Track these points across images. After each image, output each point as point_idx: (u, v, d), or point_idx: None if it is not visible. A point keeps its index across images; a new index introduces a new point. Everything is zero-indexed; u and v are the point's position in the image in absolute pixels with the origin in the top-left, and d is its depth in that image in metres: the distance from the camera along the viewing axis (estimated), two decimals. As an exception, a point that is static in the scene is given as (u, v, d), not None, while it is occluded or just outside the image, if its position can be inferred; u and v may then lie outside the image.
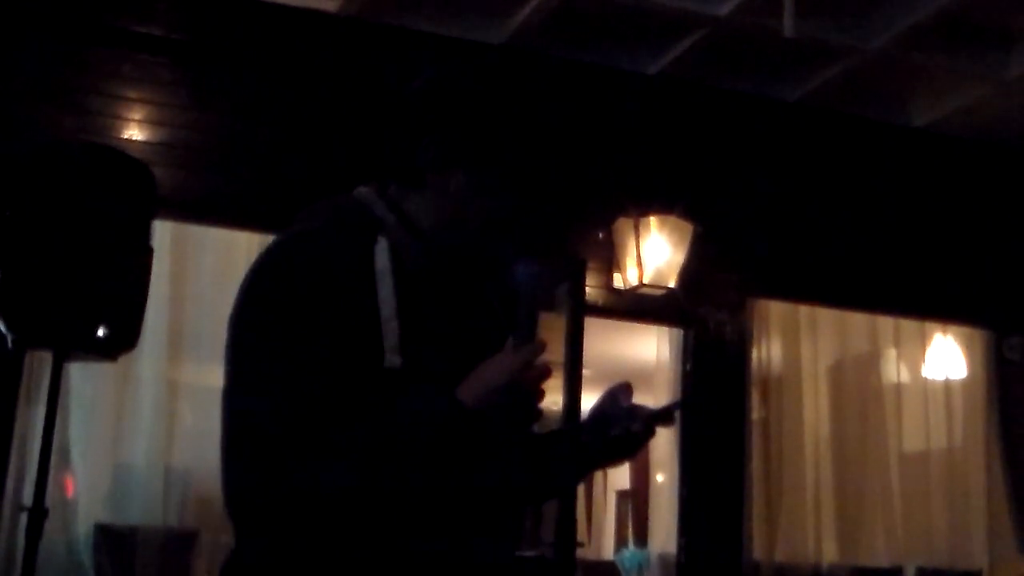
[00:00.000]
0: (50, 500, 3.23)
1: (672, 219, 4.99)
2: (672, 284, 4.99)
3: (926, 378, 5.79)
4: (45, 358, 3.67)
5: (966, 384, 5.79)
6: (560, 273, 4.77)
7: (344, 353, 1.45)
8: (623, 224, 5.02)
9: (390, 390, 1.45)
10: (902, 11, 4.72)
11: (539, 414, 1.49)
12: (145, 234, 3.31)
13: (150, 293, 3.33)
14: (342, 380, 1.44)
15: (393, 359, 1.46)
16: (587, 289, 4.93)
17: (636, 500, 10.02)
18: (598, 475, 9.97)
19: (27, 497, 3.48)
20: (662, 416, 1.68)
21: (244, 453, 1.47)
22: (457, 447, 1.45)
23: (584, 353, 4.70)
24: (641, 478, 8.75)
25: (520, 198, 1.62)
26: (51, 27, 4.52)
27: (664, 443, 5.27)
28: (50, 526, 3.30)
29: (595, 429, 1.67)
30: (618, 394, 1.67)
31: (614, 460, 1.72)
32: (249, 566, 1.55)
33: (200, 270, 4.77)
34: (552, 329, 4.54)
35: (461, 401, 1.43)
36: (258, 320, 1.52)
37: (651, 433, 1.68)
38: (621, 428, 1.64)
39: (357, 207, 1.64)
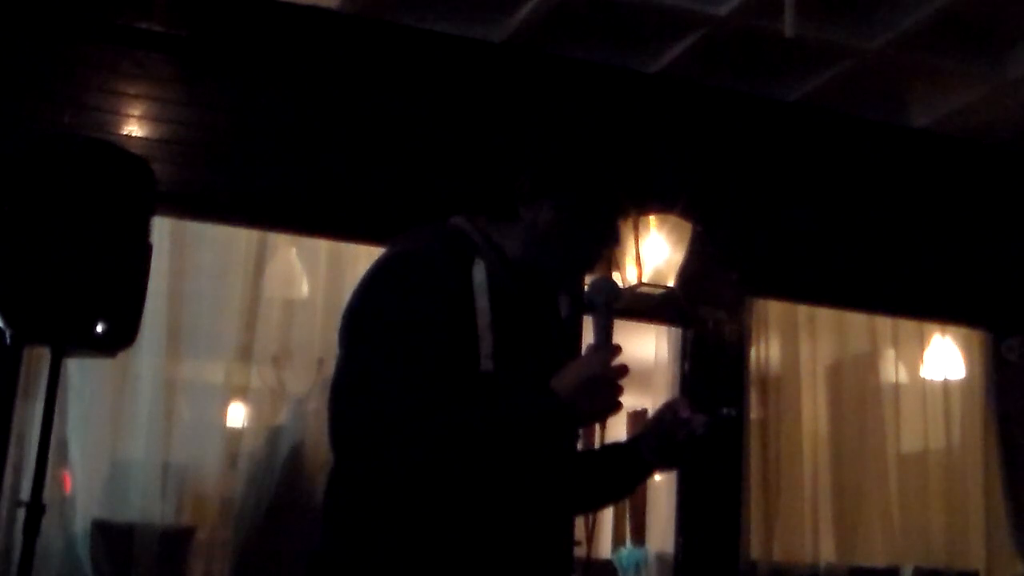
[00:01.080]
0: (48, 496, 3.23)
1: (671, 218, 4.98)
2: (671, 283, 4.99)
3: (924, 379, 5.79)
4: (43, 354, 3.67)
5: (964, 385, 5.79)
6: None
7: (449, 354, 1.66)
8: (622, 223, 5.01)
9: (483, 391, 1.66)
10: (902, 12, 4.72)
11: (620, 406, 1.72)
12: (144, 230, 3.31)
13: (149, 289, 3.34)
14: (449, 374, 1.64)
15: (487, 364, 1.68)
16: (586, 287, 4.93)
17: (634, 499, 10.01)
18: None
19: (25, 493, 3.48)
20: (720, 424, 1.89)
21: (364, 432, 1.65)
22: (549, 433, 1.69)
23: (583, 351, 4.70)
24: (639, 477, 8.73)
25: (600, 231, 1.86)
26: (50, 23, 4.51)
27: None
28: (47, 522, 3.31)
29: (656, 439, 1.90)
30: (676, 406, 1.91)
31: (673, 465, 1.99)
32: (335, 560, 1.72)
33: (199, 267, 4.77)
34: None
35: (557, 392, 1.67)
36: (379, 314, 1.71)
37: (713, 439, 1.89)
38: (686, 433, 1.86)
39: (455, 232, 1.83)
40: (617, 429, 2.15)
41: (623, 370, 1.71)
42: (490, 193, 1.85)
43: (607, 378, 1.70)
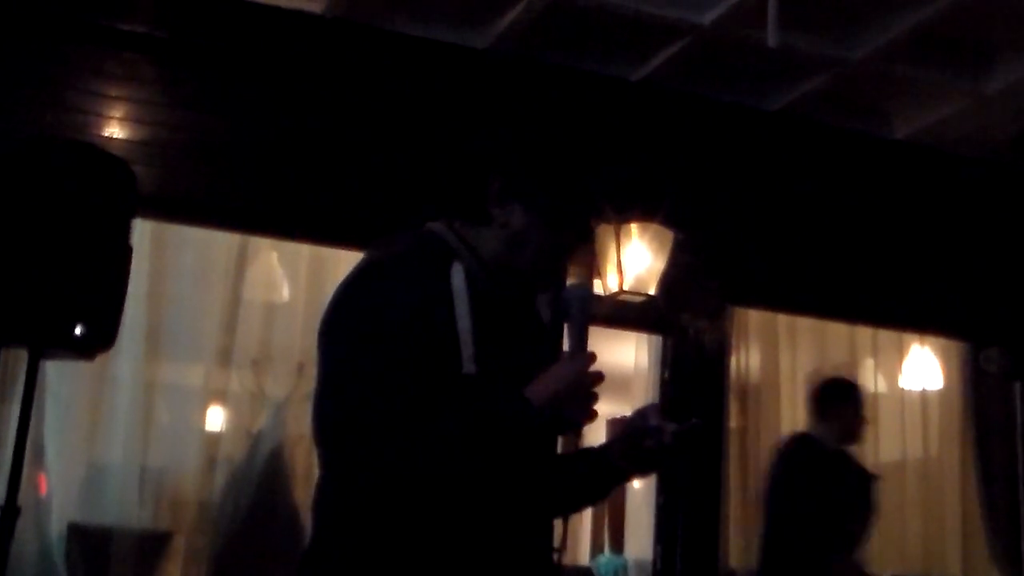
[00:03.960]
0: (23, 499, 3.21)
1: (653, 226, 4.99)
2: (652, 291, 5.00)
3: (903, 388, 5.83)
4: (21, 355, 3.64)
5: (943, 395, 5.83)
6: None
7: (429, 358, 1.65)
8: (604, 230, 5.02)
9: (467, 393, 1.67)
10: (885, 24, 4.74)
11: (595, 414, 1.73)
12: (125, 232, 3.29)
13: (128, 292, 3.32)
14: (428, 380, 1.64)
15: (470, 367, 1.68)
16: (567, 295, 4.93)
17: (612, 506, 10.01)
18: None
19: None
20: (687, 434, 1.88)
21: (344, 438, 1.67)
22: (523, 439, 1.69)
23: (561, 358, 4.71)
24: (618, 484, 8.73)
25: (571, 234, 1.84)
26: (33, 23, 4.49)
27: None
28: (22, 525, 3.28)
29: (627, 444, 1.89)
30: (647, 413, 1.90)
31: (642, 472, 1.96)
32: (327, 558, 1.72)
33: (179, 270, 4.76)
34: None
35: (529, 399, 1.68)
36: (355, 322, 1.71)
37: (680, 448, 1.88)
38: (655, 440, 1.86)
39: (432, 237, 1.84)
40: (597, 436, 2.14)
41: (598, 377, 1.72)
42: (466, 195, 1.86)
43: (583, 386, 1.71)
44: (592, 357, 1.74)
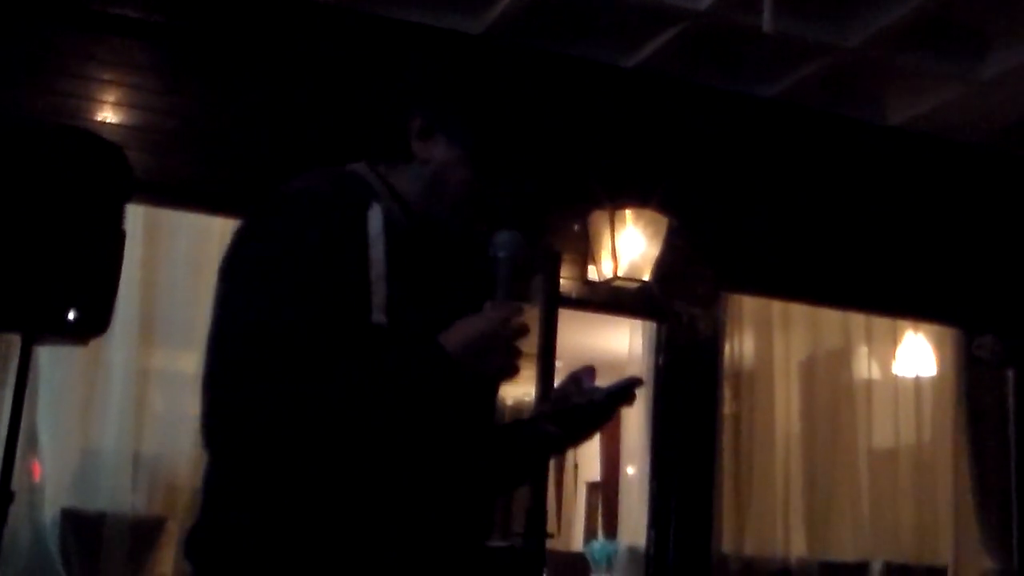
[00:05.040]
0: (16, 484, 3.20)
1: (647, 212, 5.00)
2: (646, 277, 5.00)
3: (896, 375, 5.84)
4: (13, 341, 3.63)
5: (936, 382, 5.84)
6: (535, 252, 4.80)
7: (333, 303, 1.51)
8: (598, 216, 5.03)
9: (375, 345, 1.51)
10: (880, 10, 4.74)
11: (516, 370, 1.58)
12: (118, 218, 3.28)
13: (122, 278, 3.31)
14: (330, 326, 1.49)
15: (379, 317, 1.52)
16: (561, 281, 4.94)
17: (606, 492, 10.04)
18: (568, 466, 10.00)
19: (-7, 481, 3.45)
20: (621, 392, 1.75)
21: (230, 380, 1.49)
22: (435, 394, 1.52)
23: (557, 344, 4.71)
24: (611, 470, 8.77)
25: (498, 174, 1.69)
26: (25, 8, 4.47)
27: (635, 435, 5.29)
28: (16, 511, 3.28)
29: (558, 407, 1.76)
30: (581, 376, 1.77)
31: (576, 437, 1.80)
32: (216, 539, 1.57)
33: (173, 255, 4.74)
34: (526, 320, 4.54)
35: (442, 346, 1.51)
36: (254, 260, 1.57)
37: (613, 407, 1.76)
38: (583, 398, 1.73)
39: (352, 176, 1.73)
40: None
41: (521, 329, 1.57)
42: (387, 130, 1.78)
43: (502, 336, 1.55)
44: (517, 308, 1.57)
